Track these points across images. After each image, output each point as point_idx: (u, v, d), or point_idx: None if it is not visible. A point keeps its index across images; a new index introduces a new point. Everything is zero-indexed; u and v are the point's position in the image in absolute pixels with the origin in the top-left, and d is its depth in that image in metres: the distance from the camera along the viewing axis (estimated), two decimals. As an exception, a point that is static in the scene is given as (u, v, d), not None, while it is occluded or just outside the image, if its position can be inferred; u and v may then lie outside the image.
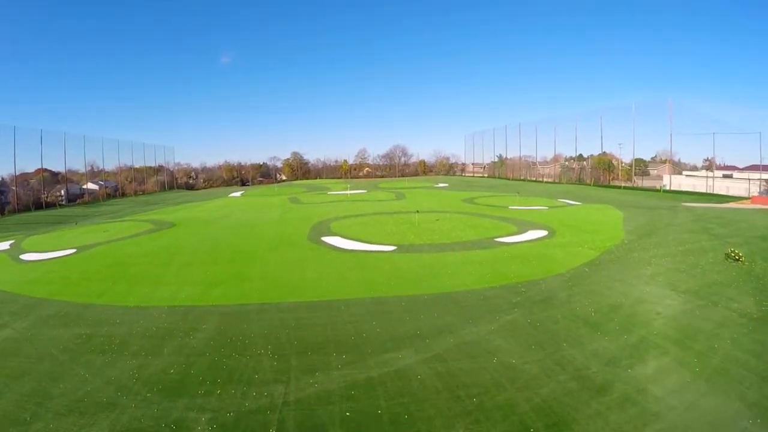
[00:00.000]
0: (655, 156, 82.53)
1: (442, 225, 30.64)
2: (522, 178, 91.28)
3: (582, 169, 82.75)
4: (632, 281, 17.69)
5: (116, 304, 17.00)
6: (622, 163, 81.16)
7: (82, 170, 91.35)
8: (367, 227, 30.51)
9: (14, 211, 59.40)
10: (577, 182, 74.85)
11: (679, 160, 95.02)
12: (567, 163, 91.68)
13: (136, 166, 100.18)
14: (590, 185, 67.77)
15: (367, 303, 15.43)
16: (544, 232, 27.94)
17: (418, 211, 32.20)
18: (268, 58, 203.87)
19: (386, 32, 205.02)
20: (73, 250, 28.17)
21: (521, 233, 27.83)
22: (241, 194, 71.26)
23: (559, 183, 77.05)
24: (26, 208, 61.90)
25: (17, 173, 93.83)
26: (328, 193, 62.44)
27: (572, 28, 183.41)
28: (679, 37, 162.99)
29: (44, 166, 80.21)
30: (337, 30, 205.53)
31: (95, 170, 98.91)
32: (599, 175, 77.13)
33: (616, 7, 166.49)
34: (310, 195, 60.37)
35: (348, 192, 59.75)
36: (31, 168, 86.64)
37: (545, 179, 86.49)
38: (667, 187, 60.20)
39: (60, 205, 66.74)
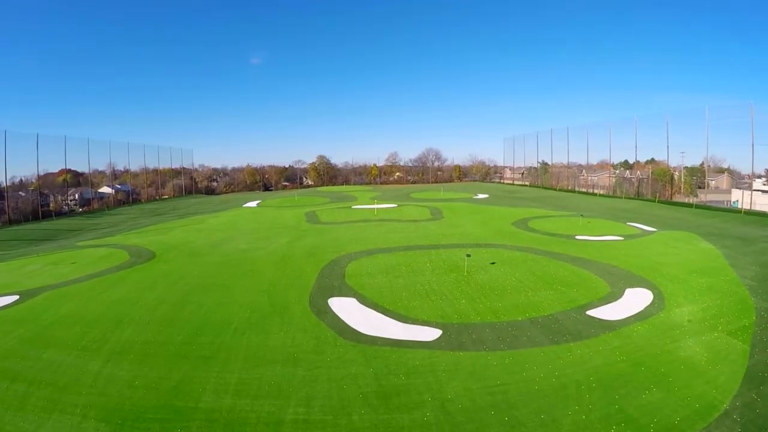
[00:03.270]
0: (703, 163, 71.69)
1: (502, 274, 22.01)
2: (569, 188, 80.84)
3: (641, 180, 71.65)
4: None
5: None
6: (683, 174, 70.19)
7: (107, 171, 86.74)
8: (397, 277, 22.10)
9: (8, 223, 53.59)
10: (636, 197, 63.98)
11: (729, 167, 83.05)
12: (618, 171, 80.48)
13: (160, 168, 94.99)
14: (654, 201, 57.20)
15: None
16: (647, 295, 19.30)
17: (468, 255, 23.63)
18: (299, 59, 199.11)
19: (419, 31, 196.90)
20: (14, 298, 21.37)
21: (618, 296, 19.14)
22: (257, 204, 64.01)
23: (615, 196, 66.39)
24: (21, 219, 55.46)
25: (41, 173, 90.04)
26: (353, 207, 54.17)
27: (617, 26, 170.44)
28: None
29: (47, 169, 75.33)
30: (368, 31, 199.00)
31: (116, 173, 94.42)
32: (660, 188, 65.96)
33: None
34: (332, 209, 52.29)
35: (375, 206, 51.49)
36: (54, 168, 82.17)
37: (596, 191, 75.53)
38: (738, 204, 49.61)
39: (57, 215, 60.06)
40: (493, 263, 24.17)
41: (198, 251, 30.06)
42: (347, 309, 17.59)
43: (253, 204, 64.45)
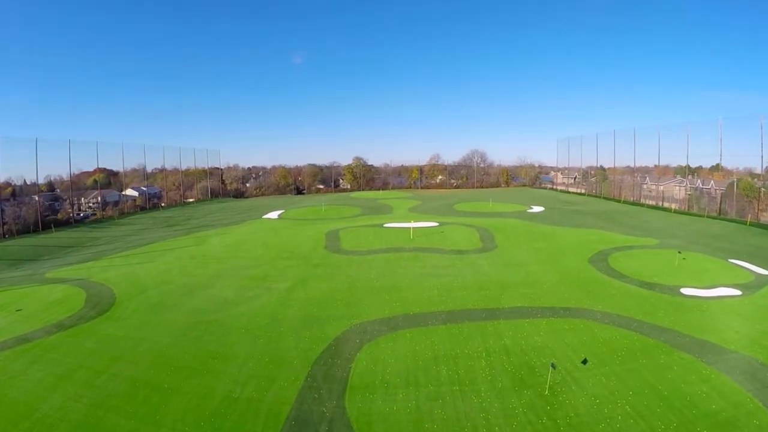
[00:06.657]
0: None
1: (606, 395, 13.16)
2: (633, 200, 69.04)
3: (724, 194, 58.80)
4: None
5: None
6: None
7: (138, 170, 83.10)
8: (431, 399, 13.42)
9: (3, 236, 48.44)
10: (718, 216, 51.77)
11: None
12: (687, 180, 67.57)
13: (191, 168, 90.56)
14: (745, 224, 45.57)
15: None
16: None
17: (554, 365, 14.35)
18: (340, 59, 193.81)
19: (465, 28, 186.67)
20: None
21: None
22: (278, 215, 56.88)
23: (693, 214, 54.22)
24: (15, 233, 49.45)
25: (75, 172, 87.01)
26: (384, 225, 45.60)
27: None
28: None
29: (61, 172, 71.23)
30: (411, 31, 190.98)
31: (146, 174, 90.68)
32: (746, 204, 53.04)
33: None
34: (359, 229, 43.69)
35: (411, 225, 42.99)
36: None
37: (668, 205, 62.99)
38: None
39: (59, 225, 54.00)
40: (584, 362, 15.35)
41: (167, 301, 22.66)
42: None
43: (273, 215, 57.36)
